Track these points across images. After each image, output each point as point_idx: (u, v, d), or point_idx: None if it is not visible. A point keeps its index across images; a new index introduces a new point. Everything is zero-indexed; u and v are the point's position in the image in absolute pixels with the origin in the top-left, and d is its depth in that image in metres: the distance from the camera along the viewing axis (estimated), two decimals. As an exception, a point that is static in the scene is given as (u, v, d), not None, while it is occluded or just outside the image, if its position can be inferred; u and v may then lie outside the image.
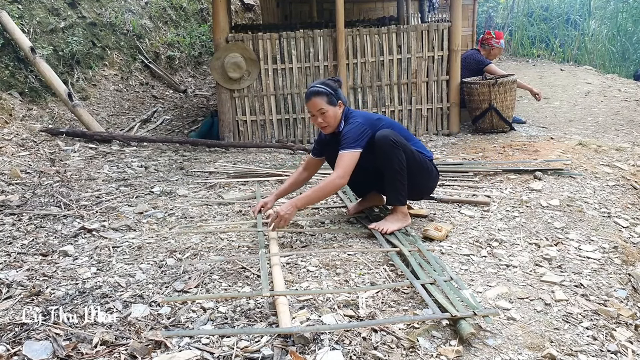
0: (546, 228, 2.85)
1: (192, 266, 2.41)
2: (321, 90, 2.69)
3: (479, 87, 5.39)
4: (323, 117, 2.70)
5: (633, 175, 3.82)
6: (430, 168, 2.83)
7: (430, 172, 2.84)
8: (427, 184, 2.90)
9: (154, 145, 5.25)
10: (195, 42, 9.29)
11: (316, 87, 2.72)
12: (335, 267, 2.37)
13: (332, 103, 2.70)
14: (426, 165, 2.80)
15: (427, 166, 2.81)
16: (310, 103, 2.72)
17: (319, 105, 2.68)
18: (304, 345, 1.72)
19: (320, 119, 2.71)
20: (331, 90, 2.71)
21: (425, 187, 2.92)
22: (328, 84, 2.74)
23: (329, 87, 2.71)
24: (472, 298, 2.01)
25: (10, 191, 3.55)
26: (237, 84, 5.33)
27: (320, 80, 2.80)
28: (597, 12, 12.94)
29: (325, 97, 2.69)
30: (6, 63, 5.20)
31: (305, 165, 3.00)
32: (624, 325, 1.98)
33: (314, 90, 2.71)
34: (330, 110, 2.69)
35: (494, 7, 14.17)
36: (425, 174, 2.81)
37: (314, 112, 2.72)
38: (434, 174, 2.88)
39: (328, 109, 2.69)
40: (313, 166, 3.01)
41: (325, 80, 2.80)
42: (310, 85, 2.80)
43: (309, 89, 2.75)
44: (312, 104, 2.71)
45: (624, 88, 8.07)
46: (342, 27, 5.24)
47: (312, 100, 2.70)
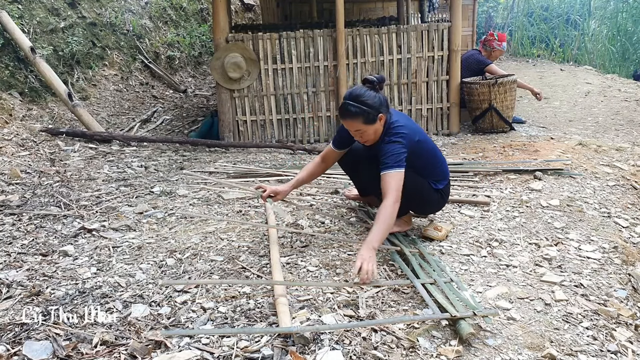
0: (546, 228, 2.85)
1: (192, 266, 2.41)
2: (356, 112, 2.37)
3: (479, 87, 5.39)
4: (361, 135, 2.47)
5: (633, 175, 3.82)
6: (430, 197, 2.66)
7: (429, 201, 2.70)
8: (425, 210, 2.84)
9: (154, 145, 5.25)
10: (195, 42, 9.30)
11: (350, 107, 2.38)
12: (335, 267, 2.37)
13: (370, 121, 2.40)
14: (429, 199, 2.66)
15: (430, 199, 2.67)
16: (346, 123, 2.45)
17: (355, 127, 2.43)
18: (304, 345, 1.72)
19: (359, 136, 2.48)
20: (368, 109, 2.37)
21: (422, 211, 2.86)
22: (366, 101, 2.37)
23: (365, 105, 2.37)
24: (471, 298, 2.01)
25: (10, 191, 3.55)
26: (237, 84, 5.33)
27: (355, 92, 2.40)
28: (597, 12, 12.94)
29: (362, 118, 2.38)
30: (6, 63, 5.19)
31: (324, 155, 2.79)
32: (624, 325, 1.98)
33: (348, 110, 2.39)
34: (370, 129, 2.42)
35: (494, 7, 14.17)
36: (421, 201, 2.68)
37: (350, 130, 2.48)
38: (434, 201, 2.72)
39: (366, 129, 2.42)
40: (332, 158, 2.79)
41: (361, 90, 2.41)
42: (346, 95, 2.43)
43: (343, 104, 2.41)
44: (348, 124, 2.45)
45: (624, 88, 8.07)
46: (342, 27, 5.24)
47: (348, 120, 2.42)
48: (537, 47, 12.76)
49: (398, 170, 2.35)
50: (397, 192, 2.32)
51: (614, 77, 9.20)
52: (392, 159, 2.36)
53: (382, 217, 2.29)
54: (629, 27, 11.94)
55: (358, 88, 2.43)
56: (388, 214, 2.29)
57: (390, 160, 2.36)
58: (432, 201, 2.70)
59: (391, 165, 2.35)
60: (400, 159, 2.37)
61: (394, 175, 2.34)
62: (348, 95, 2.41)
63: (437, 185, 2.66)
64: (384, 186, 2.35)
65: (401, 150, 2.38)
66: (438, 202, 2.74)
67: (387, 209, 2.29)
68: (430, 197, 2.66)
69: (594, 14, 12.87)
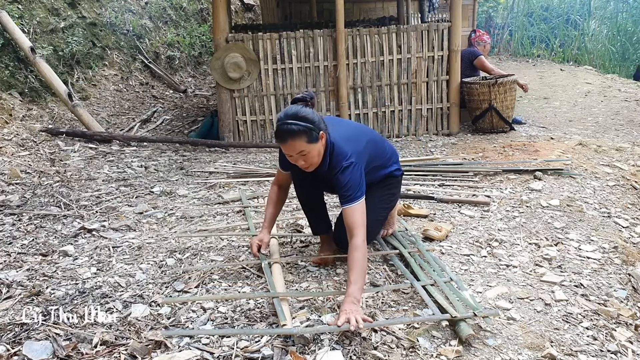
0: (546, 228, 2.85)
1: (192, 266, 2.41)
2: (298, 130, 2.02)
3: (479, 87, 5.39)
4: (305, 159, 2.09)
5: (633, 175, 3.82)
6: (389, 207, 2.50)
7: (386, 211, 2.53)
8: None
9: (154, 145, 5.25)
10: (195, 42, 9.30)
11: (290, 126, 2.02)
12: (335, 267, 2.37)
13: (313, 140, 2.05)
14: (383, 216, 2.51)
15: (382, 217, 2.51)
16: (287, 145, 2.06)
17: (298, 148, 2.05)
18: (304, 345, 1.72)
19: (302, 161, 2.10)
20: (310, 125, 2.04)
21: None
22: (305, 116, 2.05)
23: (306, 121, 2.04)
24: (472, 299, 2.01)
25: (10, 191, 3.54)
26: (237, 84, 5.33)
27: (291, 112, 2.06)
28: (597, 12, 12.94)
29: (305, 137, 2.03)
30: (6, 63, 5.19)
31: (278, 181, 2.47)
32: (624, 325, 1.98)
33: (289, 129, 2.02)
34: (314, 149, 2.07)
35: (494, 7, 14.17)
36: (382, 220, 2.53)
37: (292, 153, 2.09)
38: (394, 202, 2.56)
39: (310, 149, 2.06)
40: (286, 181, 2.47)
41: (297, 109, 2.08)
42: (280, 117, 2.07)
43: (281, 127, 2.04)
44: (290, 147, 2.06)
45: (624, 88, 8.07)
46: (342, 27, 5.23)
47: (289, 142, 2.04)
48: (537, 47, 12.76)
49: (361, 200, 2.08)
50: (364, 226, 2.05)
51: (614, 77, 9.20)
52: (352, 189, 2.08)
53: (356, 261, 1.96)
54: (629, 27, 11.94)
55: (292, 107, 2.11)
56: (361, 256, 1.97)
57: (351, 192, 2.08)
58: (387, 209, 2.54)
59: (354, 197, 2.07)
60: (361, 186, 2.11)
61: (358, 208, 2.07)
62: (284, 115, 2.06)
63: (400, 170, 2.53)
64: (349, 222, 2.06)
65: (360, 176, 2.13)
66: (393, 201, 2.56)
67: (359, 251, 1.97)
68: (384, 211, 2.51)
69: (594, 14, 12.88)
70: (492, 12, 14.04)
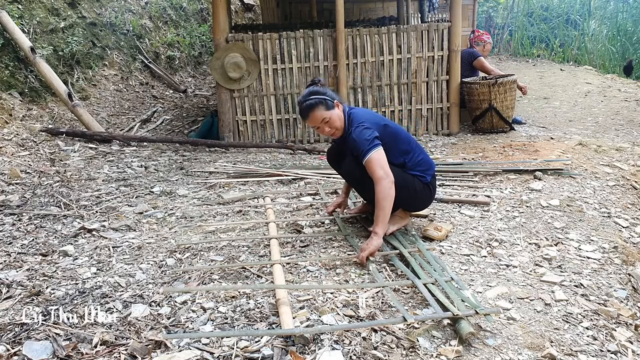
0: (546, 228, 2.85)
1: (192, 266, 2.41)
2: (315, 102, 2.51)
3: (479, 87, 5.39)
4: (329, 125, 2.54)
5: (633, 175, 3.82)
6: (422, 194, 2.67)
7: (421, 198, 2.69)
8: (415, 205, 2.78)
9: (154, 145, 5.25)
10: (195, 42, 9.30)
11: (308, 100, 2.52)
12: (335, 267, 2.37)
13: (330, 107, 2.53)
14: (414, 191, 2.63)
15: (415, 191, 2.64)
16: (311, 118, 2.54)
17: (321, 116, 2.52)
18: (304, 345, 1.72)
19: (327, 127, 2.55)
20: (323, 96, 2.53)
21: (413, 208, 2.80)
22: (316, 91, 2.54)
23: (319, 95, 2.53)
24: (473, 297, 2.01)
25: (10, 191, 3.54)
26: (237, 84, 5.33)
27: (305, 92, 2.57)
28: (597, 12, 12.94)
29: (322, 106, 2.51)
30: (6, 63, 5.19)
31: None
32: (624, 325, 1.98)
33: (308, 104, 2.52)
34: (333, 114, 2.53)
35: (494, 7, 14.17)
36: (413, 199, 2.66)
37: (318, 124, 2.55)
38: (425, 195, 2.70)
39: (330, 115, 2.52)
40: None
41: (310, 89, 2.58)
42: (299, 101, 2.58)
43: (302, 105, 2.55)
44: (313, 118, 2.54)
45: (624, 88, 8.07)
46: (342, 27, 5.24)
47: (311, 115, 2.53)
48: (537, 47, 12.76)
49: (375, 150, 2.41)
50: (382, 169, 2.39)
51: (614, 77, 9.19)
52: (364, 144, 2.43)
53: (378, 199, 2.38)
54: (629, 27, 11.93)
55: (306, 89, 2.59)
56: (382, 194, 2.37)
57: (363, 146, 2.43)
58: (422, 195, 2.69)
59: (367, 150, 2.41)
60: (371, 139, 2.43)
61: (373, 157, 2.40)
62: (301, 96, 2.56)
63: (426, 178, 2.66)
64: (369, 170, 2.42)
65: (369, 132, 2.46)
66: (428, 197, 2.74)
67: (378, 189, 2.37)
68: (418, 190, 2.64)
69: (594, 14, 12.88)
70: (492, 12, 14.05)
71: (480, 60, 5.90)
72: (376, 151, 2.42)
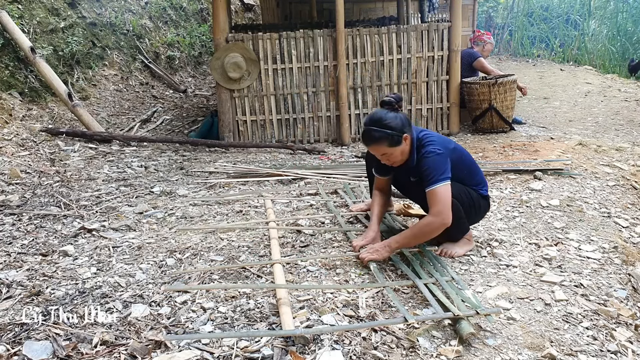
0: (546, 228, 2.85)
1: (192, 266, 2.41)
2: (380, 137, 2.28)
3: (479, 87, 5.39)
4: (388, 158, 2.38)
5: (633, 175, 3.82)
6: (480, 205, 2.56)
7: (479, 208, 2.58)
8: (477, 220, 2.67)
9: (154, 145, 5.25)
10: (195, 42, 9.30)
11: (373, 133, 2.29)
12: (335, 267, 2.37)
13: (395, 143, 2.30)
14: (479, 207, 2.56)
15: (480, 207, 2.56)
16: (371, 148, 2.38)
17: (381, 151, 2.34)
18: (304, 345, 1.72)
19: (385, 159, 2.40)
20: (392, 131, 2.27)
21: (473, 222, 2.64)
22: (388, 124, 2.28)
23: (389, 128, 2.27)
24: (474, 297, 2.01)
25: (10, 191, 3.54)
26: (237, 84, 5.33)
27: (377, 115, 2.31)
28: (597, 12, 12.94)
29: (386, 142, 2.29)
30: (6, 63, 5.19)
31: (379, 187, 2.68)
32: (624, 325, 1.98)
33: (371, 136, 2.30)
34: (396, 151, 2.33)
35: (494, 7, 14.18)
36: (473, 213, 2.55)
37: (376, 154, 2.40)
38: (482, 210, 2.61)
39: (392, 152, 2.33)
40: (386, 185, 2.68)
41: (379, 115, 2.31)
42: (366, 122, 2.36)
43: (364, 131, 2.33)
44: (373, 150, 2.37)
45: (624, 88, 8.07)
46: (342, 27, 5.24)
47: (372, 146, 2.35)
48: (537, 47, 12.76)
49: (443, 183, 2.24)
50: (442, 205, 2.23)
51: (614, 77, 9.20)
52: (435, 172, 2.25)
53: (416, 227, 2.33)
54: (629, 27, 11.94)
55: (378, 112, 2.35)
56: (421, 226, 2.29)
57: (433, 175, 2.25)
58: (483, 210, 2.61)
59: (436, 180, 2.24)
60: (443, 171, 2.26)
61: (440, 190, 2.23)
62: (369, 120, 2.33)
63: (484, 192, 2.56)
64: (429, 202, 2.27)
65: (442, 160, 2.28)
66: (485, 210, 2.65)
67: (425, 223, 2.28)
68: (482, 207, 2.56)
69: (594, 14, 12.88)
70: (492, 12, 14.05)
71: (480, 60, 5.90)
72: (445, 184, 2.25)
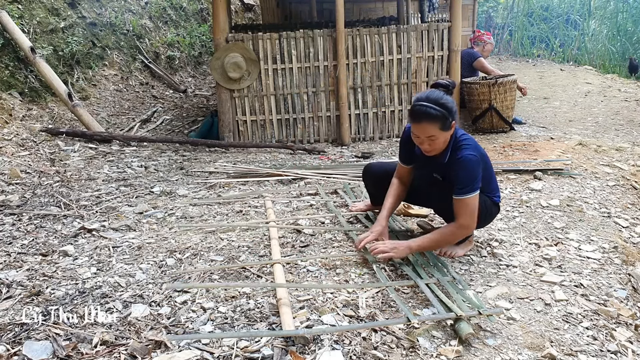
0: (546, 228, 2.85)
1: (192, 266, 2.41)
2: (436, 114, 2.10)
3: (479, 87, 5.39)
4: (430, 143, 2.19)
5: (633, 175, 3.82)
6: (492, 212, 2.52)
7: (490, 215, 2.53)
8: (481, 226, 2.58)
9: (154, 145, 5.25)
10: (195, 42, 9.29)
11: (429, 109, 2.11)
12: (335, 267, 2.37)
13: (445, 128, 2.15)
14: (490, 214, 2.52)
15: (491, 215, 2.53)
16: (419, 127, 2.16)
17: (429, 132, 2.15)
18: (304, 345, 1.72)
19: (427, 144, 2.20)
20: (447, 112, 2.12)
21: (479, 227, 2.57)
22: (445, 103, 2.13)
23: (445, 108, 2.12)
24: (475, 297, 2.01)
25: (10, 191, 3.54)
26: (237, 84, 5.33)
27: (435, 94, 2.15)
28: (597, 12, 12.94)
29: (439, 123, 2.12)
30: (6, 63, 5.19)
31: (399, 175, 2.57)
32: (624, 325, 1.98)
33: (426, 111, 2.11)
34: (443, 136, 2.17)
35: (494, 7, 14.18)
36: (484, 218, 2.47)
37: (421, 136, 2.19)
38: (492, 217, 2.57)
39: (439, 136, 2.16)
40: (407, 175, 2.57)
41: (438, 93, 2.16)
42: (420, 97, 2.17)
43: (420, 106, 2.13)
44: (421, 129, 2.16)
45: (624, 88, 8.07)
46: (342, 27, 5.24)
47: (423, 125, 2.14)
48: (537, 47, 12.77)
49: (475, 193, 2.18)
50: (469, 217, 2.20)
51: (614, 77, 9.20)
52: (469, 180, 2.17)
53: (439, 232, 2.26)
54: (629, 27, 11.94)
55: (434, 91, 2.19)
56: (445, 233, 2.24)
57: (468, 183, 2.17)
58: (493, 217, 2.58)
59: (470, 189, 2.17)
60: (477, 181, 2.20)
61: (471, 201, 2.18)
62: (425, 97, 2.15)
63: (497, 200, 2.52)
64: (456, 210, 2.20)
65: (477, 168, 2.21)
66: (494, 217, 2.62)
67: (448, 229, 2.24)
68: (493, 213, 2.54)
69: (594, 14, 12.88)
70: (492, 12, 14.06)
71: (480, 60, 5.90)
72: (475, 195, 2.19)
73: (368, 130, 5.61)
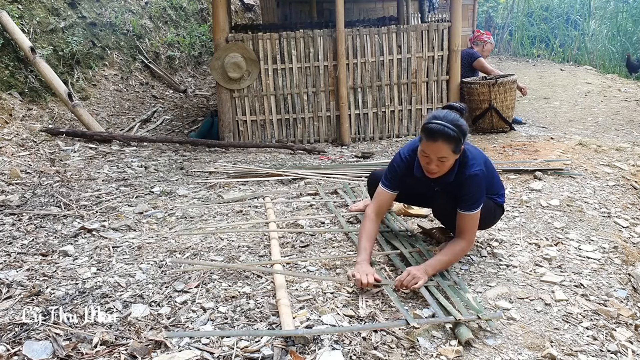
0: (546, 228, 2.85)
1: (192, 266, 2.40)
2: (452, 136, 2.05)
3: (479, 87, 5.39)
4: (439, 164, 2.13)
5: (633, 175, 3.82)
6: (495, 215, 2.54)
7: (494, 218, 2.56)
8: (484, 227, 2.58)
9: (154, 145, 5.25)
10: (195, 42, 9.29)
11: (448, 129, 2.04)
12: (336, 267, 2.37)
13: (457, 151, 2.11)
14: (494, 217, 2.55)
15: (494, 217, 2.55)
16: (434, 146, 2.07)
17: (443, 152, 2.08)
18: (304, 345, 1.72)
19: (435, 165, 2.13)
20: (462, 136, 2.08)
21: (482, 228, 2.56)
22: (461, 125, 2.09)
23: (461, 131, 2.08)
24: (475, 301, 2.01)
25: (10, 191, 3.54)
26: (237, 84, 5.33)
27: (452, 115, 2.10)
28: (597, 12, 12.94)
29: (453, 144, 2.07)
30: (6, 63, 5.19)
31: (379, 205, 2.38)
32: (624, 325, 1.98)
33: (444, 131, 2.04)
34: (452, 159, 2.13)
35: (494, 7, 14.18)
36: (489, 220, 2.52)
37: (431, 155, 2.11)
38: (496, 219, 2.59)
39: (450, 159, 2.11)
40: (389, 204, 2.49)
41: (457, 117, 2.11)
42: (437, 115, 2.11)
43: (437, 124, 2.06)
44: (436, 148, 2.08)
45: (624, 88, 8.07)
46: (342, 27, 5.24)
47: (438, 144, 2.06)
48: (537, 47, 12.77)
49: (478, 210, 2.22)
50: (474, 232, 2.27)
51: (614, 77, 9.20)
52: (477, 197, 2.20)
53: (450, 251, 2.22)
54: (629, 27, 11.95)
55: (451, 113, 2.14)
56: (456, 252, 2.24)
57: (475, 200, 2.20)
58: (497, 218, 2.60)
59: (477, 205, 2.20)
60: (484, 196, 2.25)
61: (475, 217, 2.22)
62: (442, 116, 2.09)
63: (501, 199, 2.53)
64: (462, 225, 2.23)
65: (483, 183, 2.23)
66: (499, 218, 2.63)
67: (458, 247, 2.24)
68: (497, 216, 2.57)
69: (594, 14, 12.88)
70: (492, 12, 14.06)
71: (480, 60, 5.90)
72: (478, 212, 2.22)
73: (368, 130, 5.62)
